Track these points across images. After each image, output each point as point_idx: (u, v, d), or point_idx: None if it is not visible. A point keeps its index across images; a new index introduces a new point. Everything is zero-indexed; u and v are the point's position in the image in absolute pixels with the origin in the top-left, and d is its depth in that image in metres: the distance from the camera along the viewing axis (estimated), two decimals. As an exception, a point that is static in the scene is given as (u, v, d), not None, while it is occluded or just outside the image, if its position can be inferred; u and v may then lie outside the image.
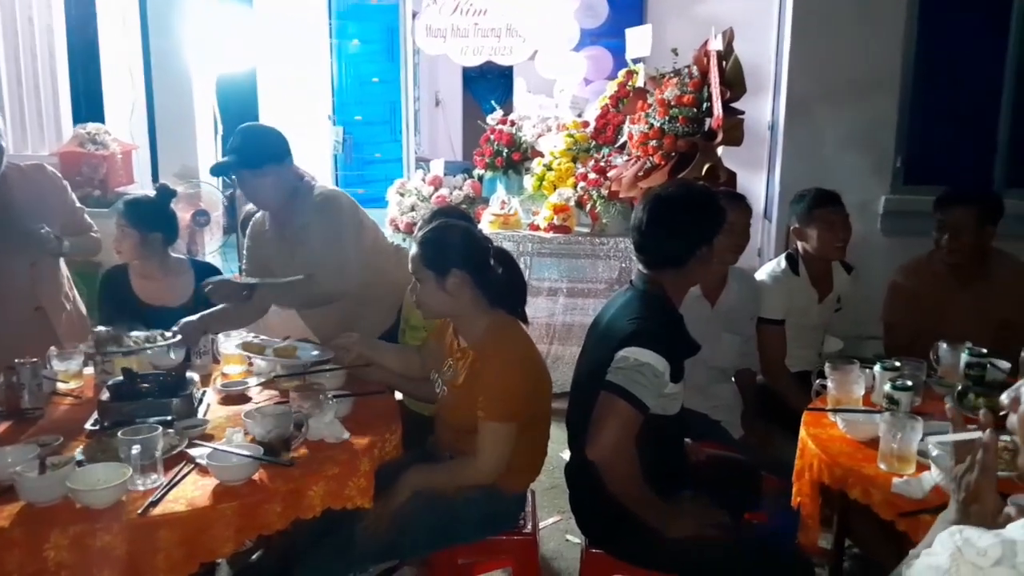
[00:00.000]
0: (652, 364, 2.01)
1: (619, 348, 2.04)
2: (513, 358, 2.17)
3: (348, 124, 6.25)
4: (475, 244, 2.23)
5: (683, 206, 2.16)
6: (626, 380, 2.00)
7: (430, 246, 2.19)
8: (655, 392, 2.03)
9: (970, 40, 4.74)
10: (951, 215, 2.86)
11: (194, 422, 2.16)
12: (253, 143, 2.66)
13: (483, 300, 2.20)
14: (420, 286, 2.22)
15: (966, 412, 2.20)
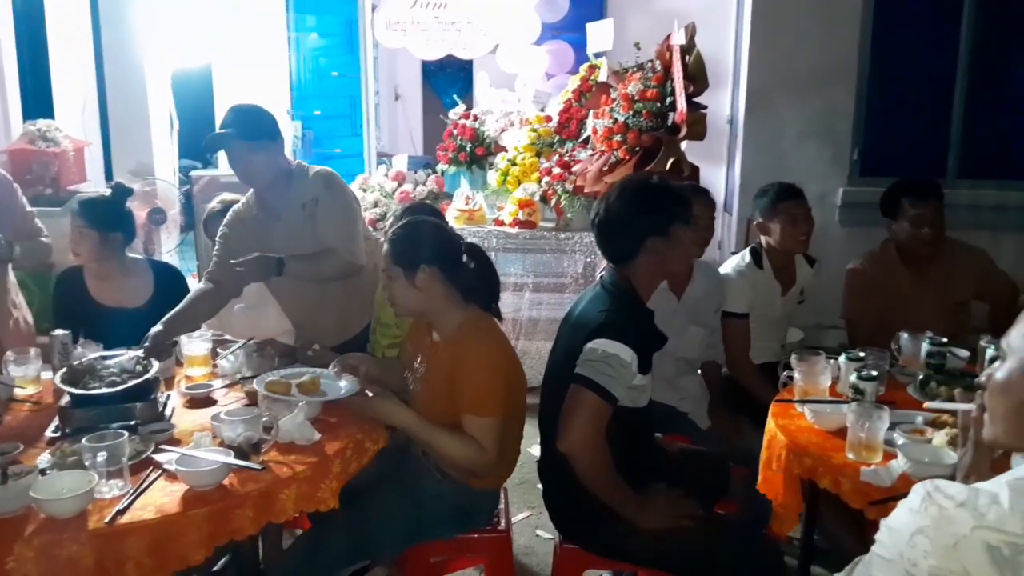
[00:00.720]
0: (619, 355, 2.03)
1: (587, 341, 2.06)
2: (492, 353, 2.16)
3: (307, 119, 6.16)
4: (444, 240, 2.23)
5: (628, 200, 2.17)
6: (594, 372, 2.02)
7: (399, 242, 2.18)
8: (623, 383, 2.05)
9: (923, 33, 4.86)
10: (927, 207, 2.92)
11: (160, 426, 2.11)
12: (249, 118, 2.71)
13: (455, 295, 2.19)
14: (391, 283, 2.21)
15: (928, 400, 2.27)
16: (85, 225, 2.85)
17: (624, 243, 2.18)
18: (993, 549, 0.97)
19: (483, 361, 2.13)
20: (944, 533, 1.01)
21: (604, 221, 2.20)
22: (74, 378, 2.16)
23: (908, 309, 2.86)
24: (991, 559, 0.96)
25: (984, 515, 0.99)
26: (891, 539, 1.08)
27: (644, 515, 2.08)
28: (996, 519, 0.98)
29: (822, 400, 2.21)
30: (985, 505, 1.01)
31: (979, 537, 0.98)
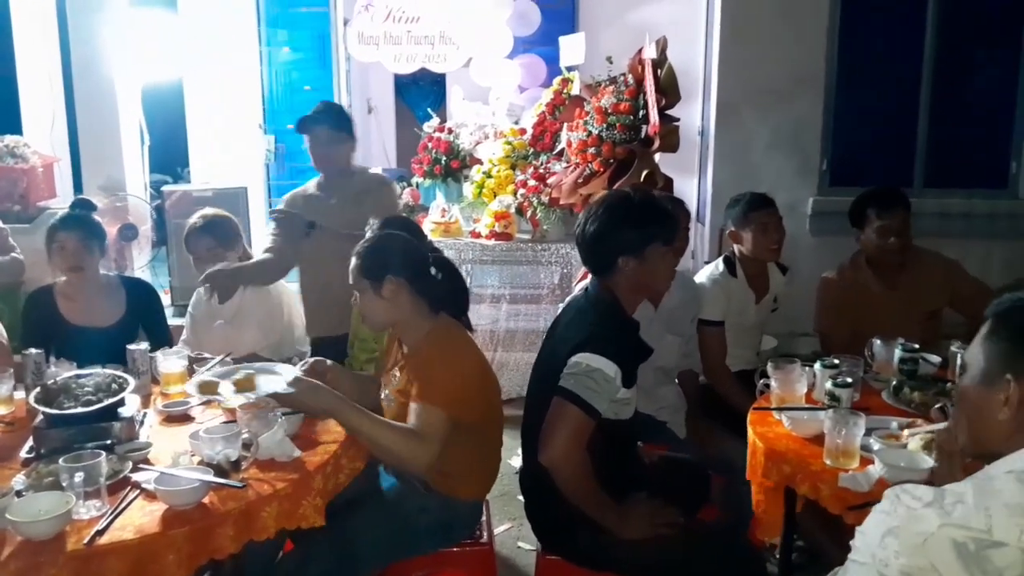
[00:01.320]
0: (603, 370, 2.04)
1: (571, 354, 2.07)
2: (452, 353, 2.16)
3: (280, 133, 6.11)
4: (410, 251, 2.24)
5: (605, 216, 2.18)
6: (577, 385, 2.03)
7: (365, 256, 2.20)
8: (606, 397, 2.06)
9: (889, 45, 4.97)
10: (893, 217, 2.97)
11: (136, 445, 2.09)
12: (338, 112, 3.28)
13: (423, 306, 2.20)
14: (360, 296, 2.21)
15: (902, 405, 2.32)
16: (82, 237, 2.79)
17: (598, 259, 2.20)
18: (959, 545, 1.01)
19: (445, 359, 2.13)
20: (912, 532, 1.05)
21: (581, 235, 2.23)
22: (48, 397, 2.13)
23: (880, 318, 2.89)
24: (958, 555, 1.00)
25: (950, 513, 1.04)
26: (864, 543, 1.12)
27: (625, 525, 2.09)
28: (961, 517, 1.03)
29: (799, 407, 2.24)
30: (951, 504, 1.05)
31: (946, 534, 1.02)
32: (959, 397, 1.21)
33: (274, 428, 2.08)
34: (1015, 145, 4.91)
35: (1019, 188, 4.92)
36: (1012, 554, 0.98)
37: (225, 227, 2.95)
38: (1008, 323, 1.13)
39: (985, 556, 0.99)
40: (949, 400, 2.25)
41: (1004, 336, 1.13)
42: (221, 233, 2.91)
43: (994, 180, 4.95)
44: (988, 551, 0.99)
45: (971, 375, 1.18)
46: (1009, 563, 0.97)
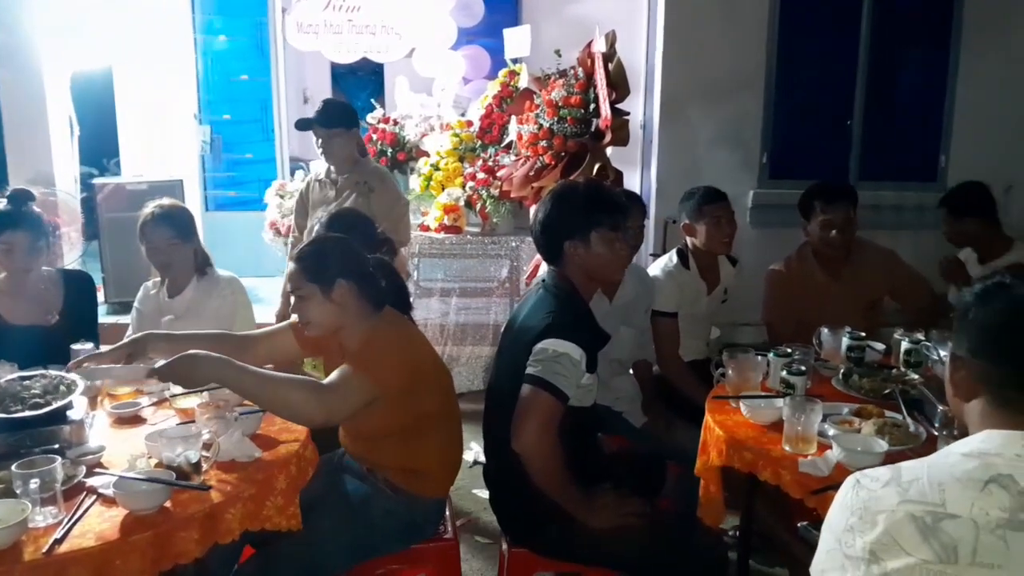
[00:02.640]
0: (569, 354, 2.06)
1: (536, 341, 2.08)
2: (399, 338, 2.14)
3: (216, 123, 5.96)
4: (355, 253, 2.20)
5: (551, 204, 2.24)
6: (545, 371, 2.05)
7: (312, 259, 2.13)
8: (574, 382, 2.08)
9: (825, 44, 5.13)
10: (836, 211, 3.06)
11: (88, 449, 2.01)
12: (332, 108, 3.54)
13: (368, 306, 2.16)
14: (303, 302, 2.12)
15: (852, 391, 2.40)
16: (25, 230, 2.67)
17: (547, 246, 2.25)
18: (917, 519, 1.07)
19: (391, 344, 2.10)
20: (874, 511, 1.11)
21: (534, 223, 2.29)
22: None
23: (824, 308, 2.97)
24: (917, 528, 1.07)
25: (907, 491, 1.10)
26: (830, 532, 1.17)
27: (593, 514, 2.11)
28: (918, 493, 1.09)
29: (757, 395, 2.29)
30: (908, 482, 1.11)
31: (905, 510, 1.08)
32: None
33: (232, 428, 2.04)
34: (944, 141, 5.14)
35: (947, 181, 5.15)
36: (965, 524, 1.05)
37: (183, 218, 2.86)
38: (961, 309, 1.19)
39: (941, 527, 1.05)
40: (896, 386, 2.36)
41: (964, 320, 1.19)
42: (179, 224, 2.82)
43: (924, 174, 5.17)
44: (943, 523, 1.05)
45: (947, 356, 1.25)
46: (963, 533, 1.04)
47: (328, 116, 3.50)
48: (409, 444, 2.15)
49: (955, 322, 1.20)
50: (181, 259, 2.82)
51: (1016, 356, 1.13)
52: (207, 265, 2.88)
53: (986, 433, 1.13)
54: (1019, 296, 1.14)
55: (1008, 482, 1.06)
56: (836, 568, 1.13)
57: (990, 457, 1.09)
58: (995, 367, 1.15)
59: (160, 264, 2.83)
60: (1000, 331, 1.15)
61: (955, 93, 5.09)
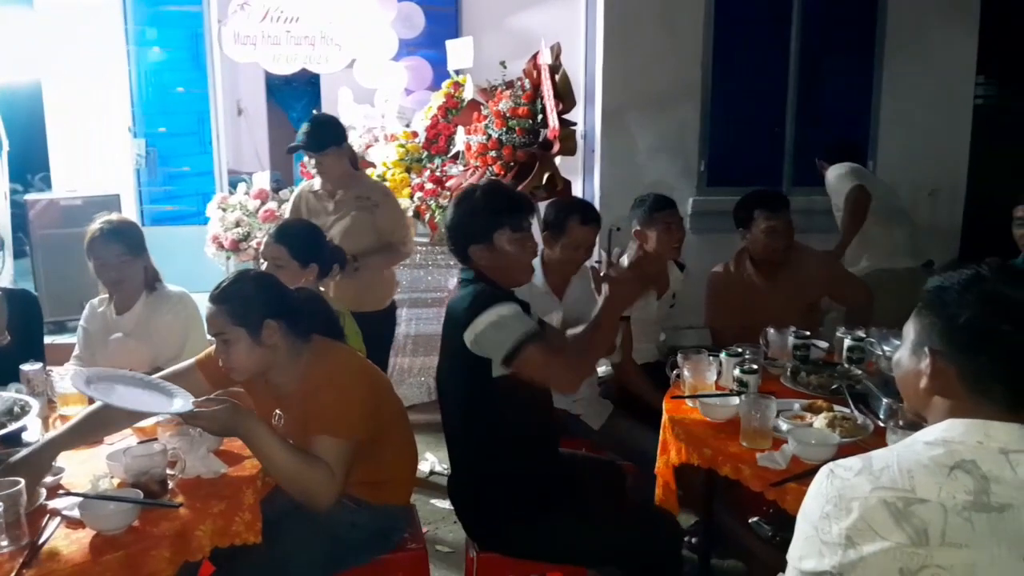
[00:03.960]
0: (503, 313, 2.07)
1: (466, 328, 2.08)
2: (339, 373, 2.08)
3: (151, 136, 5.80)
4: (280, 289, 2.14)
5: (454, 208, 2.28)
6: (503, 339, 2.05)
7: (235, 301, 2.01)
8: (524, 321, 2.11)
9: (758, 56, 5.33)
10: (778, 219, 3.17)
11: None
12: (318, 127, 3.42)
13: (297, 342, 2.09)
14: (229, 347, 2.00)
15: (801, 388, 2.50)
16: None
17: (455, 249, 2.28)
18: (889, 505, 1.13)
19: (334, 383, 2.04)
20: (848, 498, 1.17)
21: (445, 227, 2.32)
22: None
23: (765, 311, 3.05)
24: (889, 513, 1.13)
25: (879, 478, 1.17)
26: (805, 521, 1.23)
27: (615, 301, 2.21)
28: (889, 480, 1.16)
29: (713, 394, 2.38)
30: (879, 470, 1.18)
31: (877, 496, 1.15)
32: (895, 365, 1.34)
33: (196, 445, 2.02)
34: (871, 147, 5.39)
35: (874, 186, 5.40)
36: (934, 508, 1.12)
37: (133, 233, 2.79)
38: (930, 301, 1.25)
39: (912, 511, 1.12)
40: (843, 381, 2.47)
41: (926, 313, 1.25)
42: (130, 240, 2.76)
43: (852, 179, 5.39)
44: (914, 507, 1.12)
45: (903, 347, 1.31)
46: (932, 516, 1.11)
47: (317, 139, 3.40)
48: (368, 459, 2.13)
49: (923, 315, 1.26)
50: (132, 275, 2.75)
51: (990, 348, 1.17)
52: (156, 280, 2.82)
53: (949, 422, 1.19)
54: (991, 289, 1.18)
55: (972, 467, 1.13)
56: (813, 554, 1.18)
57: (954, 445, 1.16)
58: (968, 359, 1.19)
59: (110, 281, 2.76)
60: (975, 326, 1.18)
61: (880, 102, 5.34)
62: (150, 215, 5.83)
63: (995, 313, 1.17)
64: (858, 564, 1.13)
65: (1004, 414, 1.17)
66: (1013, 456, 1.13)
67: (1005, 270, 1.21)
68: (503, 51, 4.44)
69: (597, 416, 2.98)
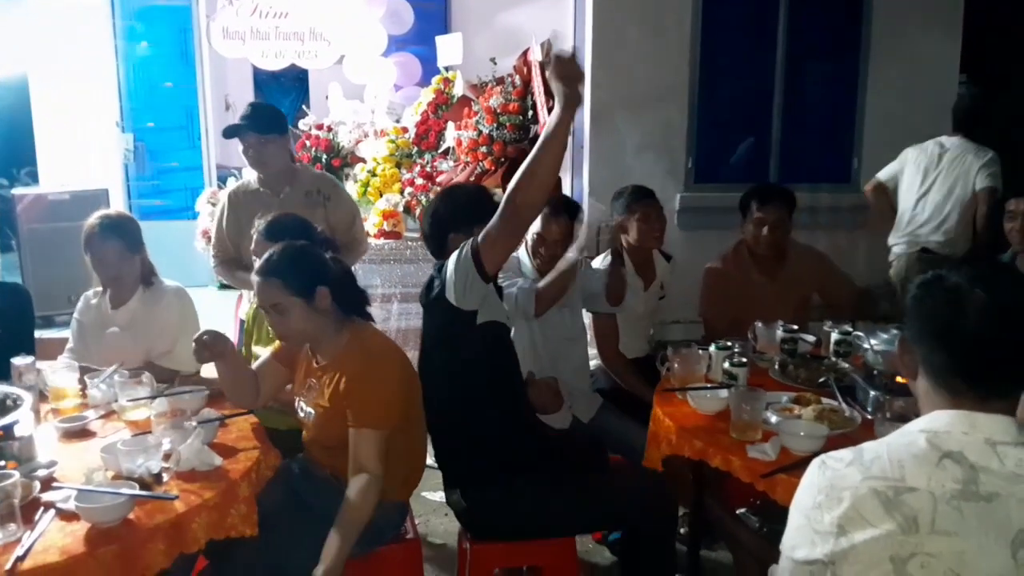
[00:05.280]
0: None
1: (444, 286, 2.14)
2: (378, 364, 2.15)
3: (140, 131, 5.79)
4: (322, 259, 2.21)
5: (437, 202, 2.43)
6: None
7: (289, 272, 2.12)
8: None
9: (745, 55, 5.36)
10: (768, 211, 3.20)
11: (40, 464, 1.96)
12: (263, 112, 3.15)
13: (339, 312, 2.19)
14: (284, 316, 2.13)
15: (789, 381, 2.54)
16: None
17: (433, 239, 2.39)
18: (880, 493, 1.16)
19: (374, 373, 2.12)
20: (840, 487, 1.20)
21: (424, 218, 2.45)
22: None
23: (758, 305, 3.09)
24: (880, 502, 1.16)
25: (869, 468, 1.20)
26: (798, 511, 1.26)
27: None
28: (879, 470, 1.19)
29: (704, 387, 2.40)
30: (869, 460, 1.21)
31: (868, 486, 1.17)
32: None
33: (191, 437, 2.02)
34: (856, 145, 5.44)
35: (860, 182, 5.44)
36: (924, 496, 1.15)
37: (131, 229, 2.80)
38: (913, 297, 1.29)
39: (902, 500, 1.15)
40: (830, 374, 2.51)
41: (910, 308, 1.29)
42: (127, 235, 2.76)
43: (839, 176, 5.46)
44: (904, 496, 1.15)
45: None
46: (922, 504, 1.14)
47: (261, 121, 3.09)
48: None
49: (911, 315, 1.30)
50: (128, 270, 2.75)
51: (948, 344, 1.22)
52: (152, 275, 2.82)
53: (935, 414, 1.23)
54: (951, 288, 1.22)
55: (960, 457, 1.16)
56: (806, 543, 1.21)
57: (941, 436, 1.19)
58: (932, 353, 1.24)
59: (107, 276, 2.75)
60: (935, 320, 1.24)
61: (865, 101, 5.39)
62: (138, 210, 5.81)
63: (952, 308, 1.21)
64: (849, 552, 1.16)
65: (976, 405, 1.20)
66: (1001, 448, 1.16)
67: (976, 268, 1.24)
68: (492, 48, 4.46)
69: (587, 409, 3.00)
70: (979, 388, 1.20)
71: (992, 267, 1.27)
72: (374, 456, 2.09)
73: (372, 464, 2.09)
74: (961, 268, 1.23)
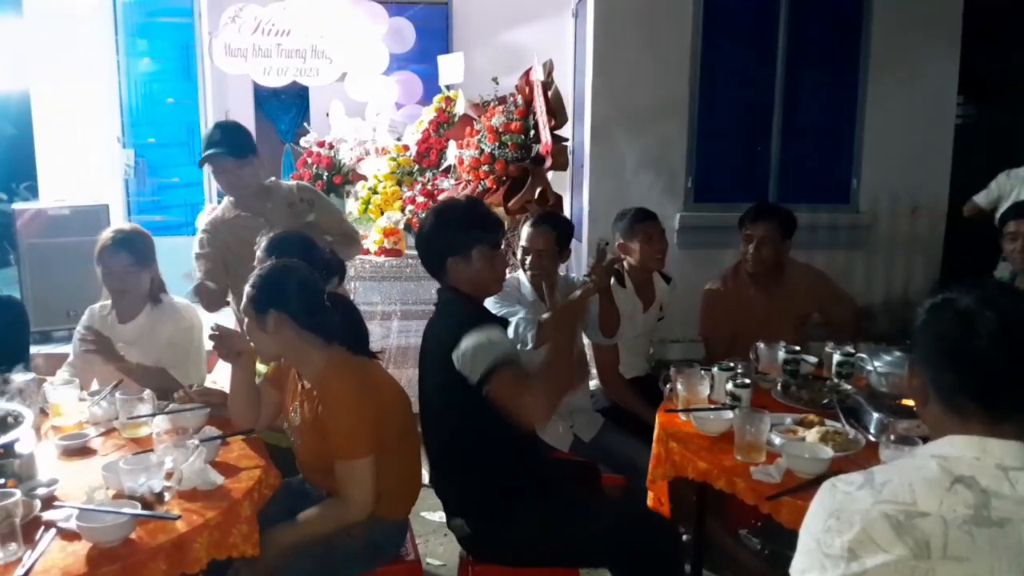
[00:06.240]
0: (486, 336, 2.11)
1: (453, 347, 2.12)
2: (349, 392, 2.13)
3: (141, 147, 5.79)
4: (298, 286, 2.18)
5: (433, 221, 2.30)
6: (482, 361, 2.08)
7: (254, 287, 2.16)
8: (506, 343, 2.16)
9: (745, 74, 5.39)
10: (756, 228, 3.21)
11: (40, 483, 1.94)
12: (234, 132, 3.01)
13: (314, 339, 2.17)
14: (249, 330, 2.21)
15: (792, 402, 2.53)
16: None
17: (430, 261, 2.31)
18: (891, 518, 1.15)
19: (345, 403, 2.11)
20: (851, 511, 1.19)
21: (418, 236, 2.36)
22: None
23: (758, 324, 3.10)
24: (891, 526, 1.14)
25: (880, 492, 1.18)
26: (808, 534, 1.25)
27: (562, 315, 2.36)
28: (891, 494, 1.18)
29: (707, 408, 2.40)
30: (880, 484, 1.20)
31: (879, 510, 1.16)
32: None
33: (193, 456, 2.01)
34: (855, 165, 5.47)
35: (859, 202, 5.47)
36: (935, 521, 1.13)
37: (142, 243, 2.81)
38: (923, 321, 1.29)
39: (913, 524, 1.14)
40: (833, 395, 2.50)
41: (919, 331, 1.29)
42: (138, 250, 2.77)
43: (837, 196, 5.48)
44: (916, 520, 1.14)
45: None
46: (934, 529, 1.13)
47: (237, 145, 2.95)
48: None
49: (915, 332, 1.30)
50: (137, 285, 2.76)
51: (958, 365, 1.22)
52: (162, 291, 2.83)
53: (948, 439, 1.22)
54: (962, 309, 1.22)
55: (972, 482, 1.15)
56: (815, 568, 1.19)
57: (952, 460, 1.18)
58: (942, 375, 1.24)
59: (116, 290, 2.76)
60: (946, 342, 1.23)
61: (864, 120, 5.42)
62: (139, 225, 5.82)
63: (964, 329, 1.20)
64: None
65: (988, 428, 1.20)
66: (1012, 473, 1.16)
67: (985, 290, 1.24)
68: (493, 67, 4.48)
69: (588, 428, 3.00)
70: (991, 410, 1.20)
71: (1000, 289, 1.27)
72: (351, 484, 2.11)
73: (346, 491, 2.11)
74: (971, 290, 1.23)
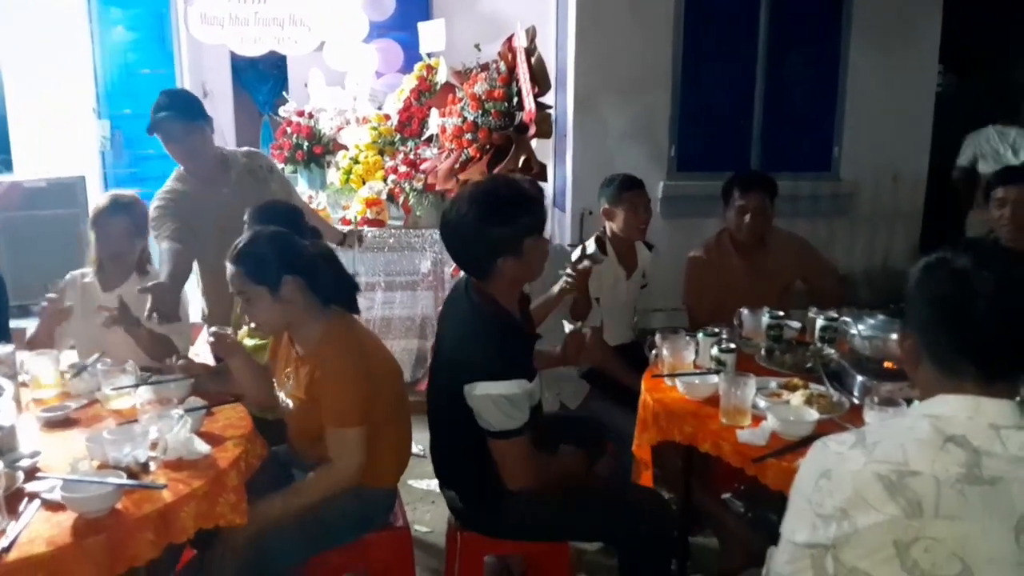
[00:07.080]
0: (504, 394, 2.03)
1: (468, 380, 2.05)
2: (348, 361, 2.12)
3: (116, 118, 5.69)
4: (298, 247, 2.17)
5: (479, 216, 2.04)
6: (495, 420, 2.06)
7: (253, 260, 2.10)
8: (523, 409, 2.08)
9: (727, 43, 5.37)
10: (749, 197, 3.21)
11: (22, 454, 1.92)
12: (183, 99, 2.89)
13: (316, 302, 2.16)
14: (251, 304, 2.13)
15: (775, 367, 2.55)
16: None
17: (476, 263, 2.13)
18: (883, 477, 1.16)
19: (340, 373, 2.10)
20: (843, 471, 1.19)
21: (455, 235, 2.10)
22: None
23: (741, 291, 3.10)
24: (883, 486, 1.15)
25: (872, 452, 1.19)
26: (798, 495, 1.25)
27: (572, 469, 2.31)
28: (882, 454, 1.18)
29: (693, 373, 2.41)
30: (872, 444, 1.20)
31: (871, 470, 1.17)
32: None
33: (179, 425, 1.99)
34: (836, 133, 5.48)
35: (840, 170, 5.49)
36: (927, 480, 1.14)
37: (140, 212, 2.79)
38: (917, 281, 1.28)
39: (905, 484, 1.14)
40: (817, 360, 2.52)
41: (913, 292, 1.28)
42: (136, 216, 2.75)
43: (819, 164, 5.49)
44: (907, 479, 1.15)
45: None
46: (926, 488, 1.14)
47: (187, 109, 2.81)
48: None
49: (906, 295, 1.30)
50: (129, 252, 2.76)
51: (957, 325, 1.21)
52: (148, 263, 2.81)
53: (940, 398, 1.22)
54: (959, 269, 1.21)
55: (963, 441, 1.15)
56: (807, 527, 1.20)
57: (945, 419, 1.19)
58: (937, 335, 1.23)
59: (109, 254, 2.76)
60: (942, 303, 1.23)
61: (846, 89, 5.42)
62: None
63: (961, 290, 1.20)
64: (852, 536, 1.16)
65: (982, 388, 1.20)
66: (1004, 432, 1.16)
67: (980, 251, 1.23)
68: (476, 34, 4.42)
69: (575, 396, 3.01)
70: (986, 370, 1.20)
71: (995, 249, 1.28)
72: (342, 452, 2.11)
73: (339, 460, 2.12)
74: (966, 251, 1.22)
